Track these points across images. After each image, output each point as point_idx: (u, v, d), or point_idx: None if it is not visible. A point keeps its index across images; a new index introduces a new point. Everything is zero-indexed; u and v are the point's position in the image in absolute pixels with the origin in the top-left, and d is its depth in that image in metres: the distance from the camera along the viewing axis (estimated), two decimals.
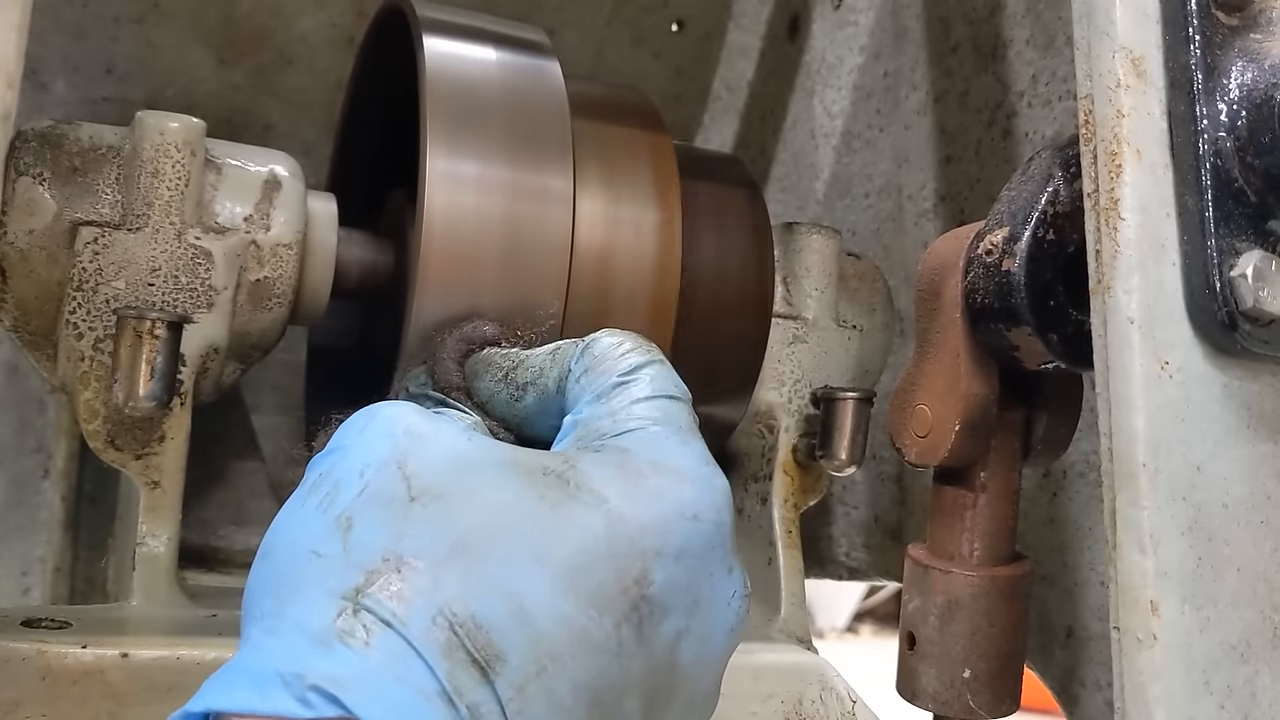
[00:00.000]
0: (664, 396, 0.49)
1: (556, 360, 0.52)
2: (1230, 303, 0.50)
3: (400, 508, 0.43)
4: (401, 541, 0.41)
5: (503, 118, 0.67)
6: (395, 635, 0.39)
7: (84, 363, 0.63)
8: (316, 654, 0.38)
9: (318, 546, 0.42)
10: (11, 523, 1.00)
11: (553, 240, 0.66)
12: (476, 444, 0.47)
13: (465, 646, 0.40)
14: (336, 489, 0.44)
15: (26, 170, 0.61)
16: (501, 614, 0.40)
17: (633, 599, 0.43)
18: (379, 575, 0.41)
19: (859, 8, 1.03)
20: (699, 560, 0.45)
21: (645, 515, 0.44)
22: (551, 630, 0.41)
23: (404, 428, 0.46)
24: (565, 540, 0.43)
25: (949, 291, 0.62)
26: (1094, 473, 0.77)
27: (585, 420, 0.49)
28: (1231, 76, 0.52)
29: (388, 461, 0.44)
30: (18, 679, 0.53)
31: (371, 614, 0.40)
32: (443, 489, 0.43)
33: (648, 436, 0.47)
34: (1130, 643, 0.49)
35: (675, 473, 0.46)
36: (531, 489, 0.44)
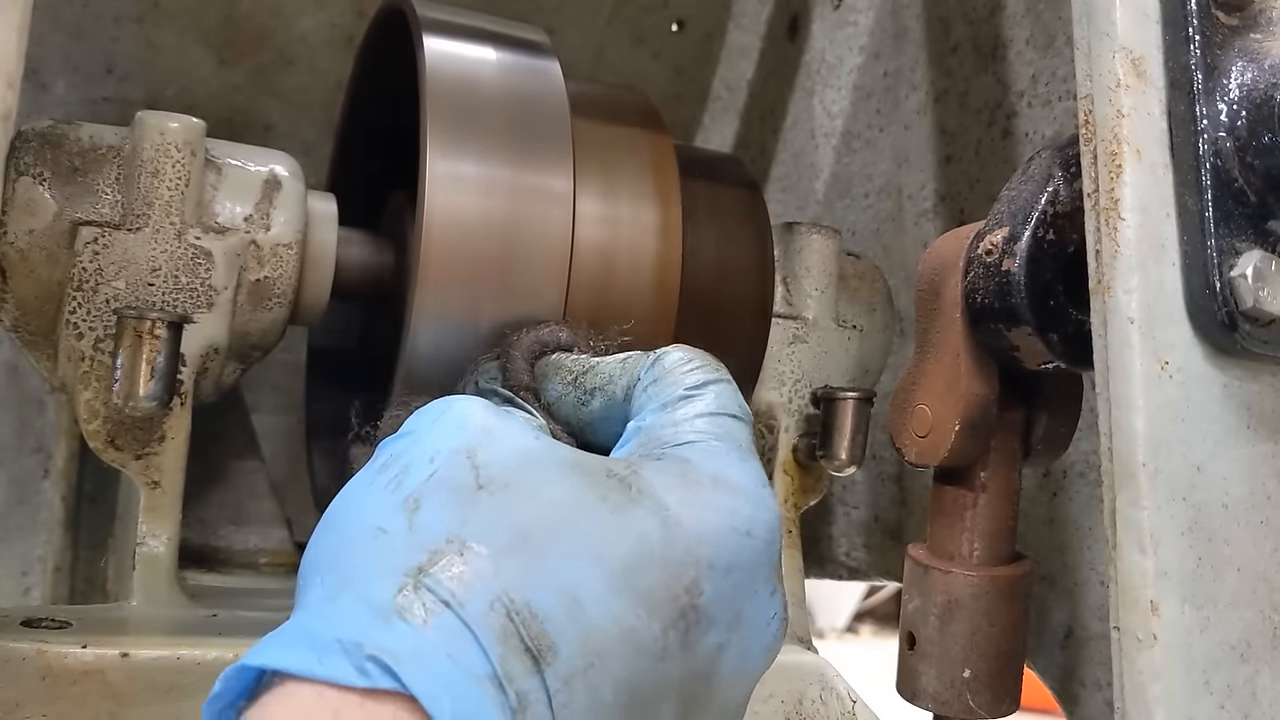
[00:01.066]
0: (726, 414, 0.50)
1: (626, 369, 0.54)
2: (1230, 303, 0.50)
3: (467, 495, 0.44)
4: (465, 526, 0.42)
5: (503, 118, 0.67)
6: (453, 616, 0.40)
7: (84, 363, 0.63)
8: (376, 626, 0.39)
9: (384, 523, 0.43)
10: (11, 523, 1.00)
11: (553, 240, 0.66)
12: (544, 443, 0.48)
13: (520, 634, 0.40)
14: (406, 471, 0.45)
15: (27, 170, 0.61)
16: (557, 606, 0.41)
17: (682, 606, 0.44)
18: (441, 556, 0.41)
19: (859, 8, 1.03)
20: (747, 576, 0.46)
21: (701, 525, 0.45)
22: (603, 626, 0.42)
23: (476, 421, 0.47)
24: (622, 541, 0.44)
25: (949, 291, 0.62)
26: (1094, 473, 0.77)
27: (649, 428, 0.50)
28: (1231, 76, 0.52)
29: (458, 451, 0.45)
30: (18, 679, 0.53)
31: (431, 593, 0.40)
32: (509, 481, 0.44)
33: (708, 450, 0.48)
34: (1130, 642, 0.49)
35: (733, 488, 0.47)
36: (594, 489, 0.45)
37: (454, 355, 0.64)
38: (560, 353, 0.60)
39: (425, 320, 0.63)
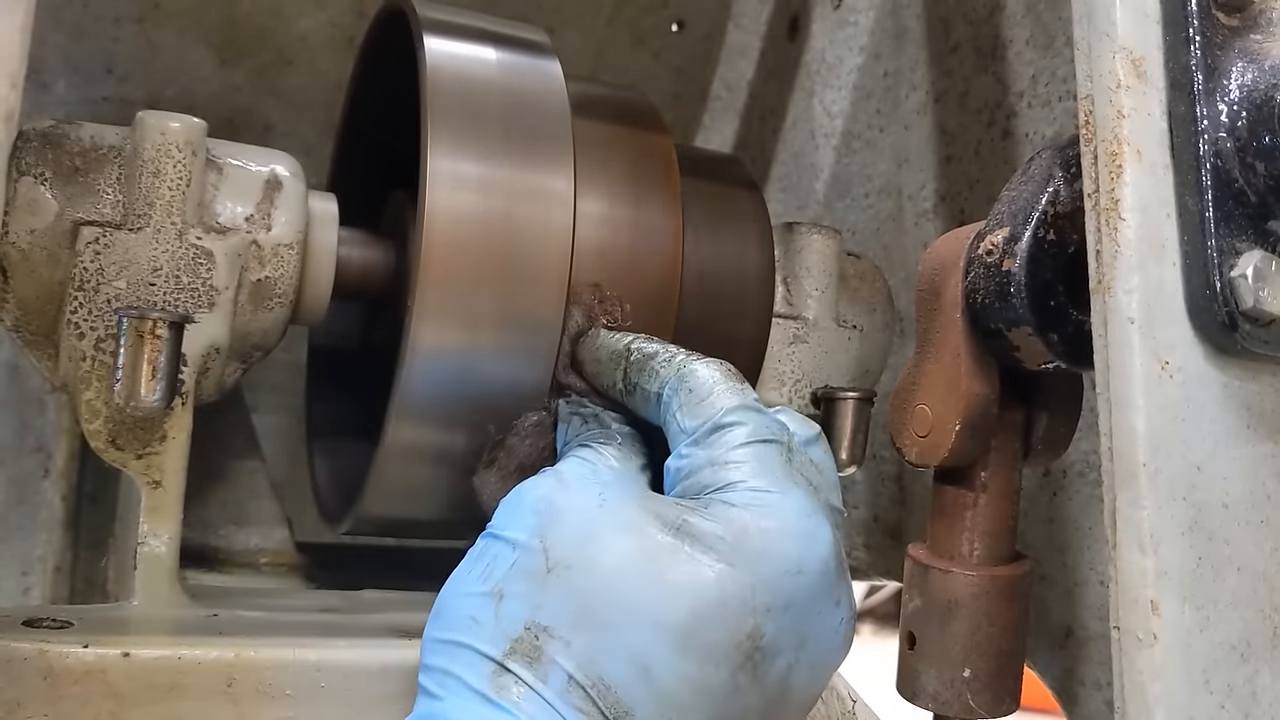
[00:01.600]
0: (759, 441, 0.52)
1: (659, 375, 0.57)
2: (1230, 303, 0.50)
3: (539, 580, 0.49)
4: (539, 612, 0.48)
5: (503, 118, 0.67)
6: (537, 696, 0.46)
7: (85, 363, 0.63)
8: (480, 707, 0.46)
9: (475, 614, 0.49)
10: (12, 522, 1.00)
11: (553, 240, 0.66)
12: (605, 510, 0.51)
13: (597, 705, 0.46)
14: (494, 563, 0.51)
15: (28, 170, 0.61)
16: (627, 674, 0.46)
17: (746, 651, 0.48)
18: (521, 644, 0.47)
19: (859, 8, 1.03)
20: (806, 608, 0.50)
21: (754, 576, 0.49)
22: (673, 686, 0.47)
23: (546, 505, 0.52)
24: (679, 604, 0.48)
25: (949, 291, 0.62)
26: (1094, 472, 0.77)
27: (688, 469, 0.53)
28: (1232, 77, 0.52)
29: (531, 538, 0.50)
30: (19, 678, 0.53)
31: (517, 676, 0.47)
32: (571, 560, 0.49)
33: (749, 494, 0.51)
34: (1130, 642, 0.49)
35: (779, 531, 0.50)
36: (647, 554, 0.49)
37: (455, 355, 0.64)
38: (601, 335, 0.64)
39: (427, 320, 0.63)
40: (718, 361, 0.56)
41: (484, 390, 0.65)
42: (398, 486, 0.68)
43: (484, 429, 0.65)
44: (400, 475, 0.67)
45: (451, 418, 0.65)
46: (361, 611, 0.70)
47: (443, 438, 0.66)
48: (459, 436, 0.66)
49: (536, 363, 0.65)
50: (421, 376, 0.64)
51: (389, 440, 0.65)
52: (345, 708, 0.58)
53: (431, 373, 0.64)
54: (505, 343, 0.65)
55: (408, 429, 0.65)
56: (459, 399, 0.65)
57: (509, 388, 0.65)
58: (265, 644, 0.58)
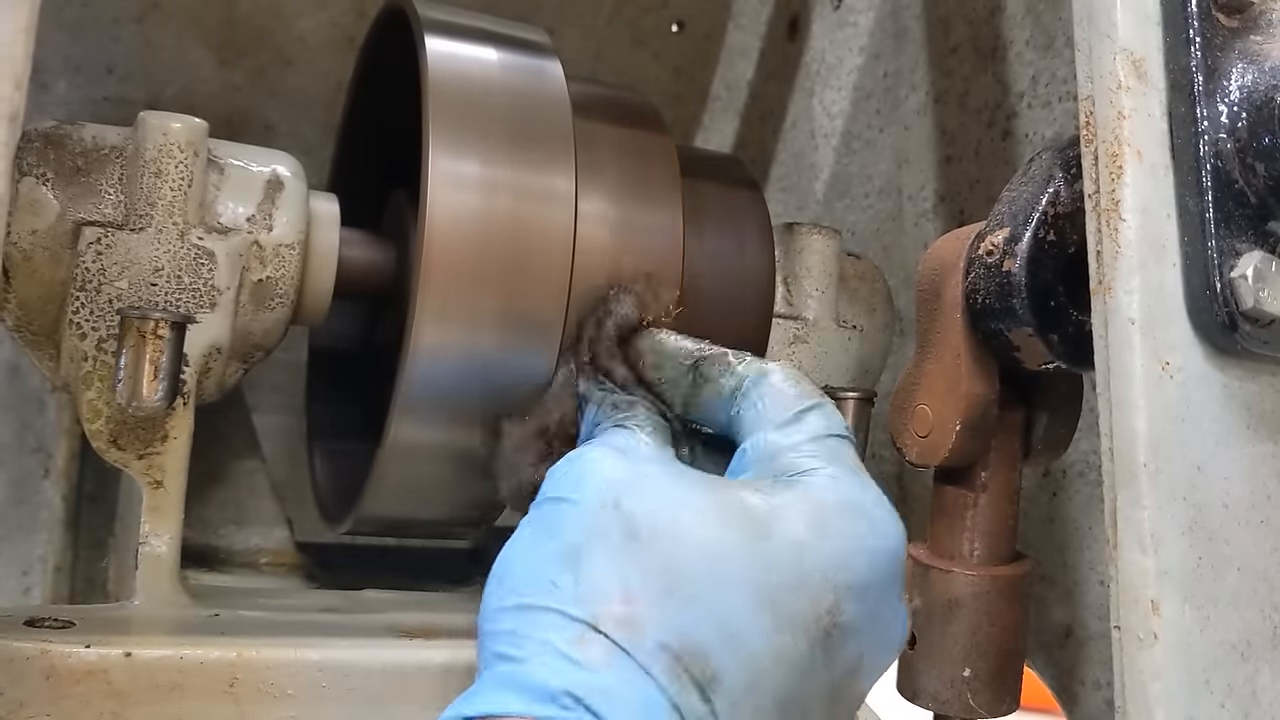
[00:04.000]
0: (834, 435, 0.55)
1: (739, 371, 0.58)
2: (1230, 303, 0.51)
3: (621, 546, 0.49)
4: (625, 578, 0.48)
5: (504, 118, 0.67)
6: (628, 658, 0.46)
7: (87, 363, 0.63)
8: (569, 670, 0.45)
9: (553, 577, 0.49)
10: (12, 522, 1.00)
11: (555, 241, 0.66)
12: (678, 479, 0.52)
13: (688, 669, 0.46)
14: (565, 528, 0.50)
15: (30, 170, 0.61)
16: (715, 639, 0.47)
17: (824, 626, 0.49)
18: (609, 606, 0.47)
19: (859, 8, 1.03)
20: (880, 591, 0.51)
21: (836, 553, 0.50)
22: (758, 652, 0.47)
23: (615, 472, 0.52)
24: (765, 575, 0.49)
25: (950, 292, 0.62)
26: (1094, 472, 0.77)
27: (767, 452, 0.54)
28: (1232, 78, 0.52)
29: (607, 504, 0.50)
30: (22, 678, 0.53)
31: (607, 638, 0.46)
32: (657, 527, 0.49)
33: (828, 477, 0.53)
34: (1131, 641, 0.50)
35: (860, 514, 0.52)
36: (735, 528, 0.50)
37: (457, 355, 0.64)
38: (667, 332, 0.63)
39: (428, 320, 0.63)
40: (791, 364, 0.60)
41: (485, 390, 0.65)
42: (399, 486, 0.68)
43: (485, 428, 0.65)
44: (401, 475, 0.67)
45: (453, 418, 0.65)
46: (362, 611, 0.70)
47: (444, 438, 0.66)
48: (460, 436, 0.66)
49: (538, 362, 0.65)
50: (423, 377, 0.64)
51: (390, 440, 0.65)
52: (347, 707, 0.58)
53: (433, 373, 0.64)
54: (507, 343, 0.65)
55: (409, 429, 0.65)
56: (460, 399, 0.65)
57: (511, 387, 0.65)
58: (267, 644, 0.58)
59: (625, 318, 0.65)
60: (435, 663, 0.60)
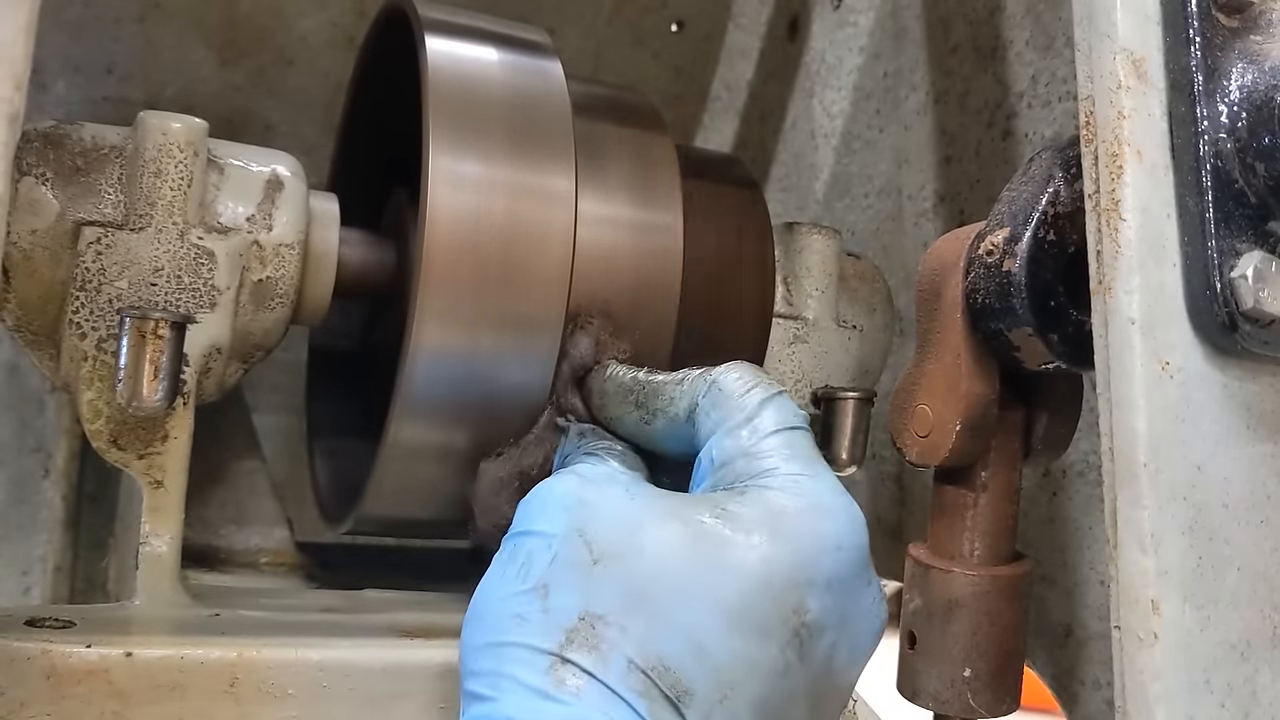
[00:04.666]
0: (788, 428, 0.55)
1: (685, 391, 0.58)
2: (1230, 303, 0.51)
3: (586, 571, 0.49)
4: (591, 602, 0.49)
5: (505, 118, 0.67)
6: (598, 683, 0.46)
7: (87, 363, 0.63)
8: (539, 703, 0.46)
9: (520, 611, 0.49)
10: (12, 522, 1.00)
11: (555, 240, 0.66)
12: (639, 502, 0.53)
13: (658, 686, 0.46)
14: (530, 560, 0.51)
15: (30, 170, 0.61)
16: (684, 654, 0.47)
17: (793, 627, 0.49)
18: (577, 633, 0.48)
19: (859, 8, 1.03)
20: (847, 585, 0.52)
21: (796, 553, 0.50)
22: (727, 662, 0.48)
23: (576, 500, 0.52)
24: (728, 584, 0.49)
25: (950, 292, 0.62)
26: (1093, 472, 0.77)
27: (722, 459, 0.55)
28: (1232, 78, 0.52)
29: (569, 532, 0.51)
30: (23, 678, 0.53)
31: (576, 666, 0.47)
32: (619, 550, 0.50)
33: (784, 477, 0.53)
34: (1131, 641, 0.50)
35: (815, 510, 0.52)
36: (692, 538, 0.50)
37: (457, 355, 0.64)
38: (612, 368, 0.64)
39: (428, 320, 0.63)
40: (741, 363, 0.58)
41: (486, 390, 0.65)
42: (399, 486, 0.68)
43: (485, 428, 0.65)
44: (401, 475, 0.67)
45: (453, 417, 0.65)
46: (363, 611, 0.70)
47: (444, 437, 0.66)
48: (460, 436, 0.66)
49: (538, 362, 0.66)
50: (423, 376, 0.64)
51: (390, 440, 0.65)
52: (347, 707, 0.58)
53: (433, 372, 0.64)
54: (507, 342, 0.65)
55: (409, 429, 0.65)
56: (460, 399, 0.65)
57: (511, 387, 0.65)
58: (268, 644, 0.58)
59: (578, 360, 0.66)
60: (435, 662, 0.60)
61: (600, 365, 0.65)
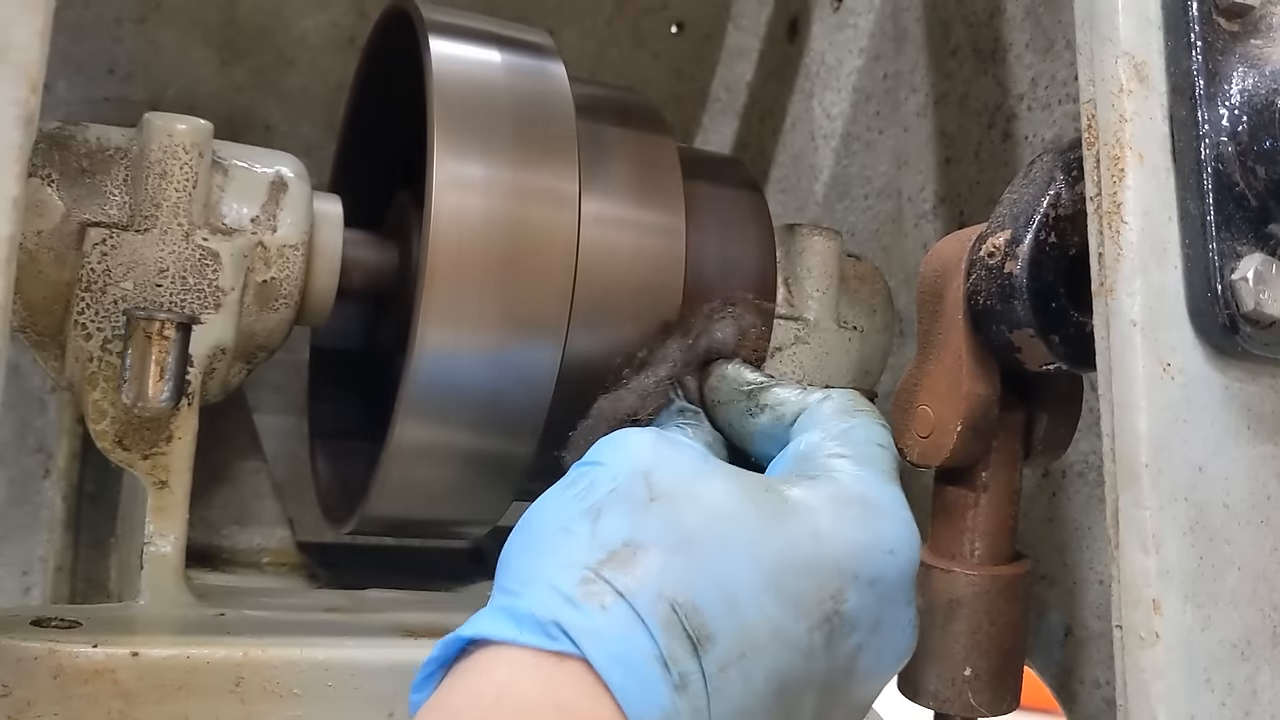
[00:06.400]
0: (874, 443, 0.56)
1: (799, 399, 0.59)
2: (1231, 305, 0.51)
3: (641, 505, 0.50)
4: (639, 532, 0.49)
5: (508, 120, 0.67)
6: (626, 604, 0.46)
7: (92, 363, 0.63)
8: (563, 606, 0.46)
9: (570, 526, 0.50)
10: (12, 522, 1.00)
11: (558, 242, 0.66)
12: (711, 463, 0.53)
13: (682, 624, 0.46)
14: (592, 487, 0.51)
15: (35, 171, 0.61)
16: (716, 602, 0.47)
17: (827, 611, 0.49)
18: (618, 555, 0.48)
19: (859, 10, 1.04)
20: (890, 589, 0.51)
21: (849, 541, 0.51)
22: (755, 622, 0.48)
23: (650, 449, 0.53)
24: (776, 548, 0.49)
25: (951, 293, 0.63)
26: (1093, 473, 0.77)
27: (804, 452, 0.55)
28: (1233, 82, 0.52)
29: (636, 472, 0.51)
30: (30, 678, 0.53)
31: (609, 584, 0.47)
32: (677, 493, 0.50)
33: (856, 474, 0.53)
34: (1133, 641, 0.50)
35: (879, 509, 0.52)
36: (753, 501, 0.50)
37: (461, 356, 0.64)
38: (737, 362, 0.64)
39: (433, 321, 0.63)
40: (853, 390, 0.60)
41: (489, 390, 0.65)
42: (403, 487, 0.68)
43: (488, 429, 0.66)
44: (405, 476, 0.68)
45: (457, 418, 0.66)
46: (367, 611, 0.70)
47: (448, 438, 0.66)
48: (463, 437, 0.66)
49: (542, 363, 0.66)
50: (427, 377, 0.64)
51: (395, 441, 0.65)
52: (352, 707, 0.58)
53: (437, 374, 0.64)
54: (510, 344, 0.65)
55: (413, 429, 0.65)
56: (464, 400, 0.65)
57: (514, 388, 0.65)
58: (273, 643, 0.58)
59: (716, 344, 0.64)
60: None
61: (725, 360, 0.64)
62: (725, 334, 0.65)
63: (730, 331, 0.65)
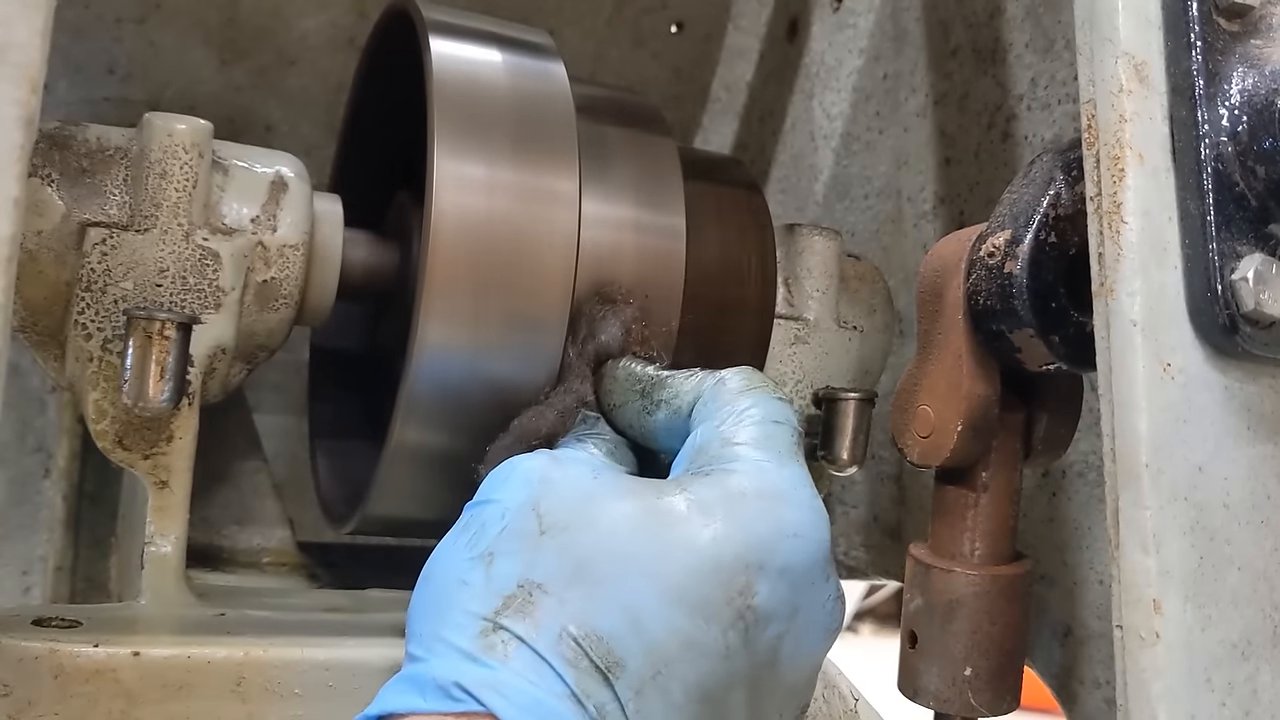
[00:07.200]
0: (770, 421, 0.54)
1: (691, 387, 0.58)
2: (1231, 305, 0.51)
3: (532, 541, 0.49)
4: (533, 570, 0.48)
5: (509, 120, 0.67)
6: (528, 649, 0.46)
7: (92, 363, 0.63)
8: (464, 665, 0.46)
9: (465, 576, 0.50)
10: (12, 522, 1.00)
11: (559, 242, 0.66)
12: (601, 480, 0.53)
13: (588, 656, 0.46)
14: (482, 529, 0.51)
15: (35, 171, 0.61)
16: (619, 626, 0.47)
17: (737, 609, 0.49)
18: (514, 600, 0.48)
19: (858, 10, 1.04)
20: (801, 573, 0.51)
21: (749, 535, 0.50)
22: (663, 639, 0.47)
23: (539, 476, 0.53)
24: (674, 559, 0.48)
25: (951, 293, 0.63)
26: (1093, 473, 0.77)
27: (699, 445, 0.54)
28: (1232, 82, 0.52)
29: (523, 505, 0.51)
30: (31, 677, 0.53)
31: (508, 632, 0.47)
32: (567, 521, 0.50)
33: (751, 463, 0.52)
34: (1133, 640, 0.50)
35: (776, 496, 0.51)
36: (644, 514, 0.50)
37: (461, 356, 0.64)
38: (627, 360, 0.63)
39: (433, 321, 0.63)
40: (748, 367, 0.59)
41: (490, 390, 0.65)
42: (403, 487, 0.68)
43: (489, 429, 0.66)
44: (405, 476, 0.68)
45: (457, 418, 0.66)
46: (367, 611, 0.70)
47: (448, 438, 0.66)
48: (464, 437, 0.66)
49: (542, 363, 0.66)
50: (427, 377, 0.64)
51: (395, 441, 0.65)
52: (353, 706, 0.58)
53: (437, 374, 0.64)
54: (511, 343, 0.65)
55: (413, 429, 0.65)
56: (465, 399, 0.65)
57: (515, 388, 0.65)
58: (273, 643, 0.58)
59: (604, 345, 0.64)
60: None
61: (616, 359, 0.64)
62: (610, 333, 0.65)
63: (615, 329, 0.65)
